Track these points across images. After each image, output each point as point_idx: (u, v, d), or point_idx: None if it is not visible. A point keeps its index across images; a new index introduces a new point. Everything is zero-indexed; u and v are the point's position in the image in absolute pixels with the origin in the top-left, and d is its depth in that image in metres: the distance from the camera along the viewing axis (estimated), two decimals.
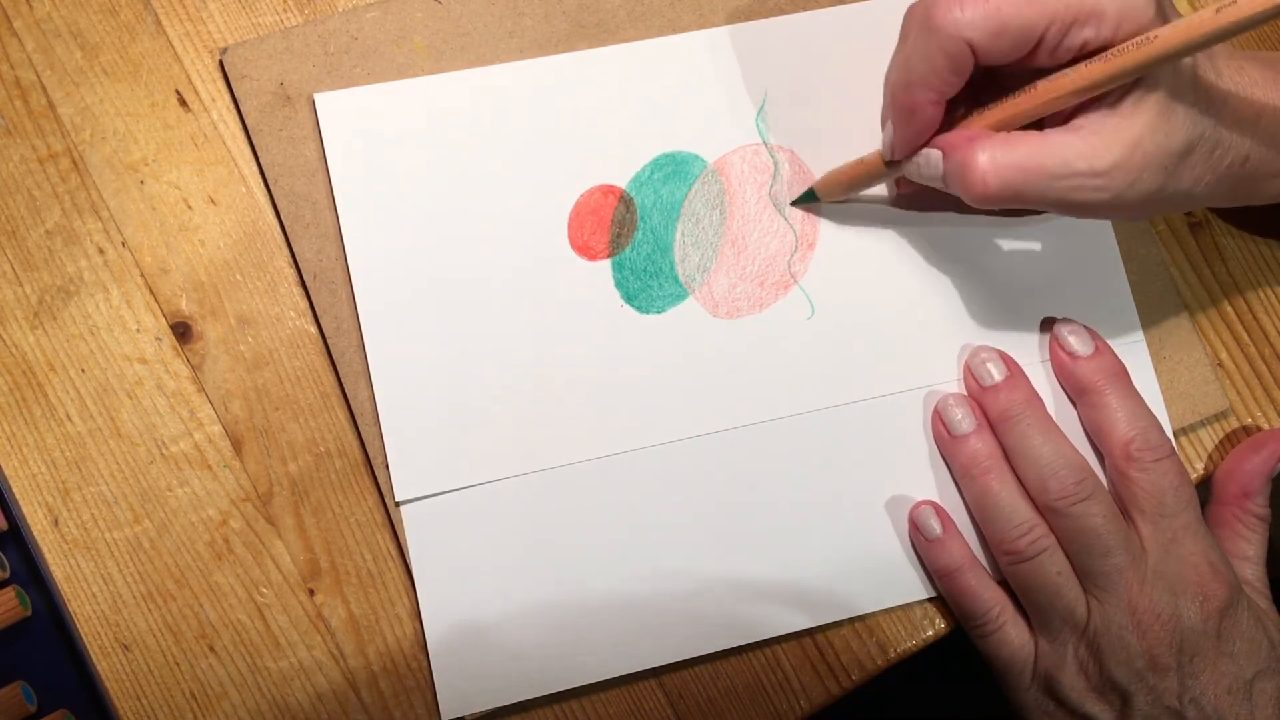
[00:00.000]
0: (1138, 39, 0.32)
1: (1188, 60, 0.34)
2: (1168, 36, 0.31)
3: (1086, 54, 0.33)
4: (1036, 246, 0.43)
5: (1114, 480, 0.40)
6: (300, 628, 0.40)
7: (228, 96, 0.41)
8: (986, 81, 0.36)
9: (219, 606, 0.40)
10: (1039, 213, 0.43)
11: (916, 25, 0.34)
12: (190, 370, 0.40)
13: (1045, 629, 0.40)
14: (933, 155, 0.36)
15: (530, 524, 0.40)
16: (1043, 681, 0.40)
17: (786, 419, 0.41)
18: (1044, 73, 0.34)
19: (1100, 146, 0.34)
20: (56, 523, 0.39)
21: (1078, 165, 0.34)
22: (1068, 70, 0.34)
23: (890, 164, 0.38)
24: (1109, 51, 0.33)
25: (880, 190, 0.43)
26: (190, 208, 0.41)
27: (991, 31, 0.33)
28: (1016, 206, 0.35)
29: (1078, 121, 0.34)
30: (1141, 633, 0.38)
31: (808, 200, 0.42)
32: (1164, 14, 0.33)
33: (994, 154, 0.34)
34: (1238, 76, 0.36)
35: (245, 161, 0.41)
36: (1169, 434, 0.42)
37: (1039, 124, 0.35)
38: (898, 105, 0.36)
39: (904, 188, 0.42)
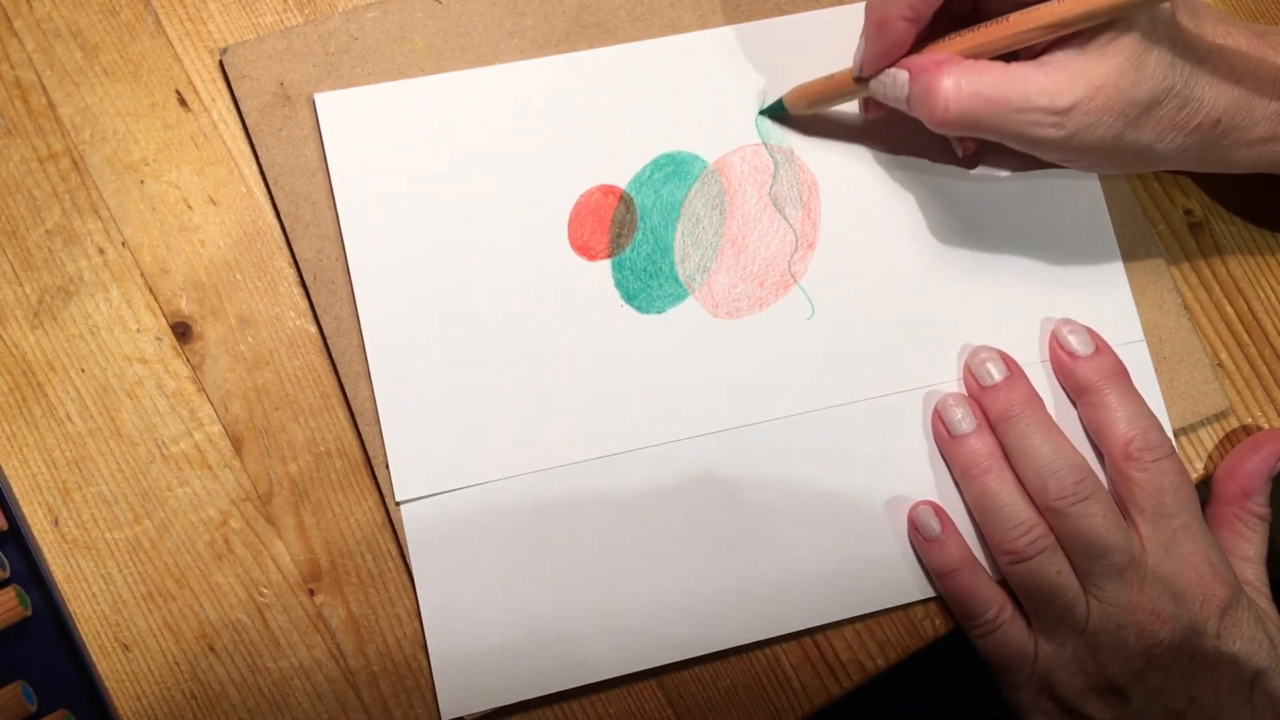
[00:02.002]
0: None
1: (1167, 9, 0.34)
2: None
3: None
4: (1037, 246, 0.43)
5: (1114, 480, 0.40)
6: (300, 628, 0.40)
7: (228, 96, 0.41)
8: (967, 18, 0.36)
9: (219, 606, 0.40)
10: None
11: None
12: (190, 370, 0.40)
13: (1045, 628, 0.40)
14: (899, 75, 0.36)
15: (530, 524, 0.40)
16: (1042, 681, 0.40)
17: (786, 419, 0.41)
18: (1021, 7, 0.34)
19: (1063, 84, 0.34)
20: (56, 523, 0.39)
21: (1038, 100, 0.34)
22: (1041, 5, 0.34)
23: (859, 81, 0.38)
24: None
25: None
26: (190, 208, 0.41)
27: None
28: (974, 135, 0.35)
29: (1046, 57, 0.34)
30: (1141, 632, 0.38)
31: (776, 111, 0.42)
32: None
33: (958, 80, 0.34)
34: (1223, 39, 0.36)
35: (245, 161, 0.41)
36: (1169, 434, 0.42)
37: (1011, 58, 0.36)
38: (872, 19, 0.36)
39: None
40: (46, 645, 0.39)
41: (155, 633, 0.39)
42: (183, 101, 0.41)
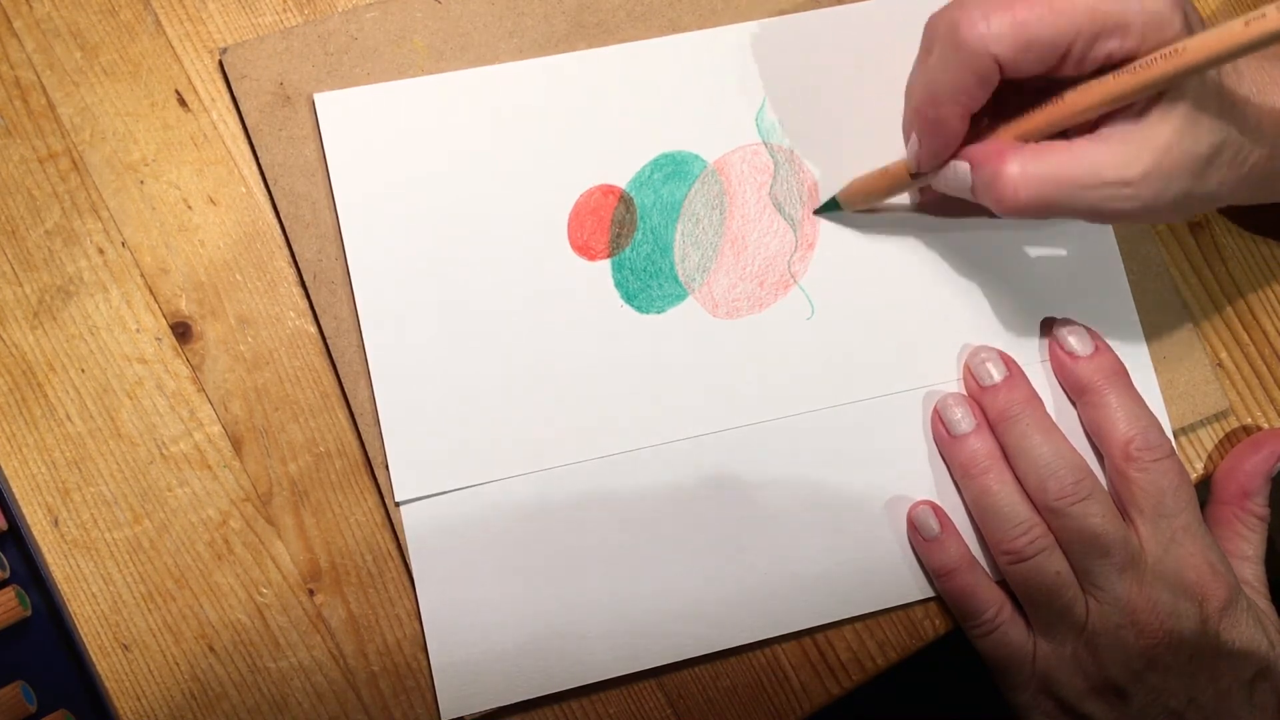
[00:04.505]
0: (1165, 50, 0.32)
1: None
2: (1195, 49, 0.31)
3: (1111, 65, 0.33)
4: (1036, 247, 0.43)
5: (1113, 480, 0.40)
6: (300, 628, 0.40)
7: (228, 96, 0.41)
8: (1009, 90, 0.36)
9: (219, 606, 0.40)
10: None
11: (941, 40, 0.34)
12: (190, 370, 0.40)
13: (1044, 629, 0.40)
14: (961, 168, 0.36)
15: (530, 524, 0.40)
16: (1041, 681, 0.40)
17: (786, 419, 0.41)
18: (1068, 83, 0.34)
19: (1130, 155, 0.33)
20: (56, 523, 0.39)
21: (1107, 175, 0.33)
22: (1096, 81, 0.33)
23: (916, 175, 0.38)
24: (1137, 63, 0.32)
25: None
26: (190, 208, 0.41)
27: (1018, 46, 0.33)
28: (1045, 217, 0.35)
29: (1105, 131, 0.34)
30: (1140, 632, 0.38)
31: (830, 210, 0.42)
32: (1189, 25, 0.33)
33: (1024, 165, 0.34)
34: (1259, 76, 0.36)
35: (245, 161, 0.41)
36: (1169, 434, 0.42)
37: (1064, 133, 0.35)
38: (923, 120, 0.35)
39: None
40: (46, 645, 0.39)
41: (155, 633, 0.39)
42: (182, 101, 0.41)
